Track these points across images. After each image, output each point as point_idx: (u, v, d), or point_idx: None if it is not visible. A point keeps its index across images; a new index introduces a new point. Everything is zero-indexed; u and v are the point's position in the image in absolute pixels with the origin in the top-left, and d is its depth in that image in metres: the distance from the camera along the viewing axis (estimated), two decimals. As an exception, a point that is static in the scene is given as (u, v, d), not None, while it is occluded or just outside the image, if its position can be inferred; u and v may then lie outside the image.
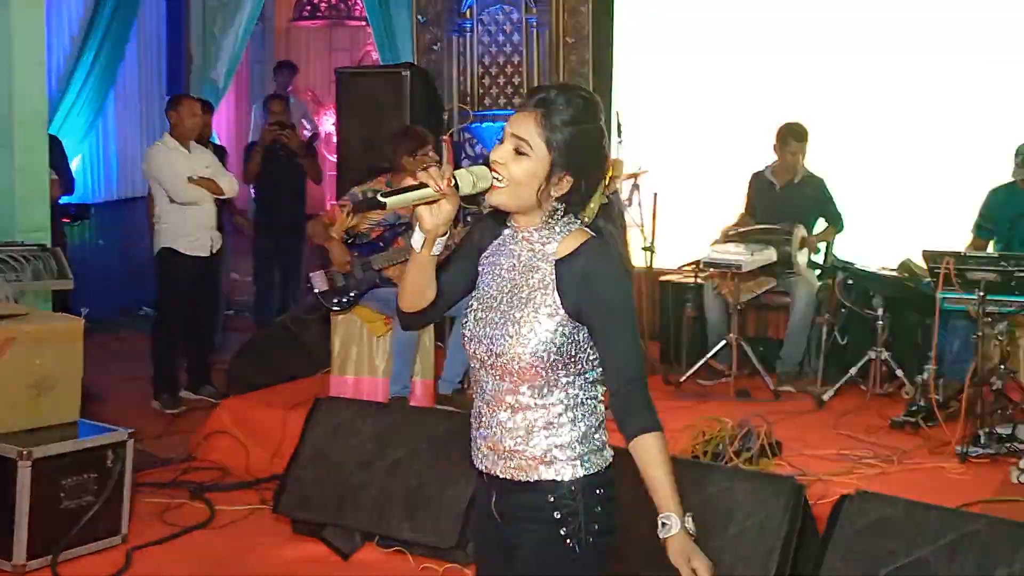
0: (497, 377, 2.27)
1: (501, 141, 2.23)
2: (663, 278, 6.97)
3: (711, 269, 6.18)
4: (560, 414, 2.24)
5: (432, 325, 5.75)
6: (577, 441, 2.24)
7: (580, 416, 2.24)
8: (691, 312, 6.46)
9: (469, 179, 2.20)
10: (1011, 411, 4.98)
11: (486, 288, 2.34)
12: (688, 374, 6.12)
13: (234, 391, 6.27)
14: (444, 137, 7.09)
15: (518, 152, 2.19)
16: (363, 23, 10.35)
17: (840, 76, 7.35)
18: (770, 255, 6.07)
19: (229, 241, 7.32)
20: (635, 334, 2.22)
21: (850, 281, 5.97)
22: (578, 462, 2.23)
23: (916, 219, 7.05)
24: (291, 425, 5.26)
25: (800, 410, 5.64)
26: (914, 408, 5.30)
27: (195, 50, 9.41)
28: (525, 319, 2.21)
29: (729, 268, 6.02)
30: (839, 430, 5.27)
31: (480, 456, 2.33)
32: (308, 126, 9.60)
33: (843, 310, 6.07)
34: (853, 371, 5.80)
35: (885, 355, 5.72)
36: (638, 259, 6.82)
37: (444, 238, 2.26)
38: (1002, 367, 5.01)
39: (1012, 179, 5.73)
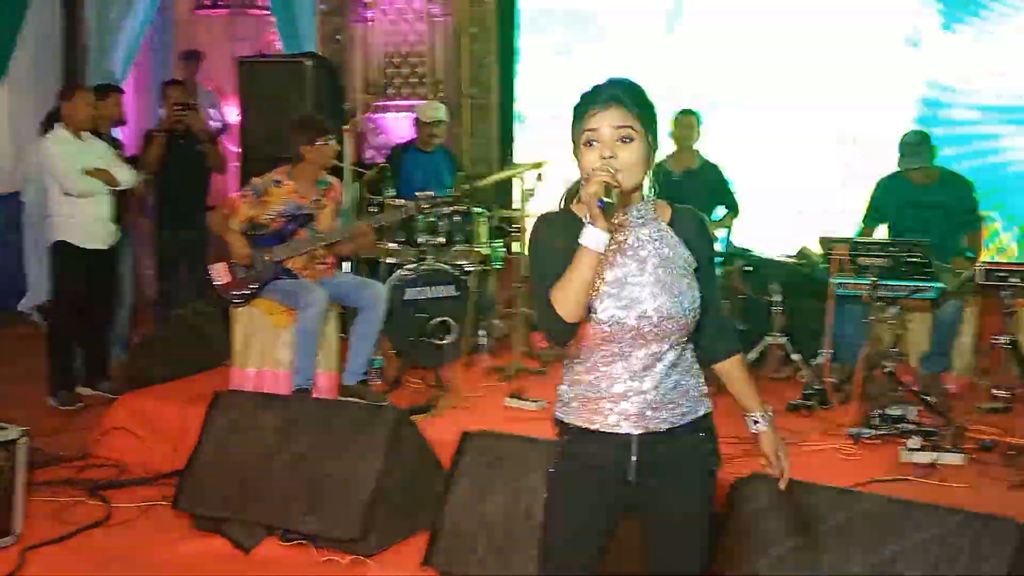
0: (653, 341, 2.50)
1: (589, 144, 2.45)
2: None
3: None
4: (692, 358, 2.60)
5: (336, 316, 5.73)
6: (702, 379, 2.61)
7: (697, 361, 2.61)
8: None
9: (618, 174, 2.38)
10: (902, 393, 5.11)
11: (619, 268, 2.49)
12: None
13: (133, 386, 6.16)
14: (346, 127, 7.03)
15: (624, 140, 2.43)
16: (266, 12, 10.21)
17: (740, 66, 7.47)
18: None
19: (135, 235, 7.17)
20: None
21: (748, 268, 6.09)
22: (707, 399, 2.61)
23: (814, 207, 7.22)
24: (191, 420, 5.18)
25: (700, 395, 5.72)
26: (809, 392, 5.42)
27: (91, 40, 9.18)
28: (684, 284, 2.50)
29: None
30: (735, 415, 5.33)
31: (620, 421, 2.53)
32: (216, 116, 9.43)
33: (741, 296, 6.17)
34: (751, 355, 5.90)
35: (782, 340, 5.84)
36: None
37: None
38: (893, 350, 5.13)
39: (898, 169, 5.87)
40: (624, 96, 2.45)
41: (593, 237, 2.32)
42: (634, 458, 2.53)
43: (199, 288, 7.49)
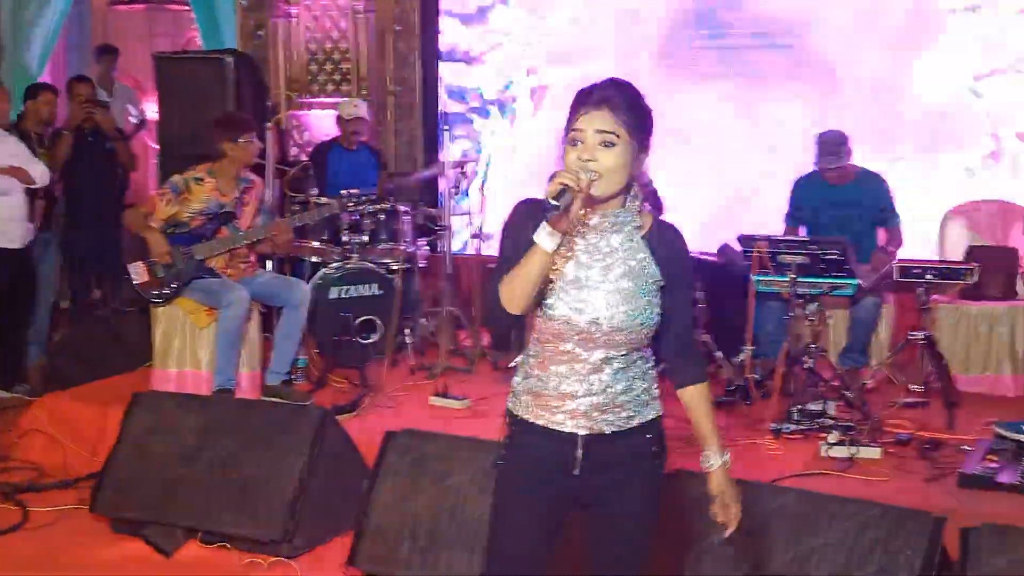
0: (603, 346, 2.50)
1: (573, 144, 2.44)
2: (492, 264, 7.00)
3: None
4: (648, 366, 2.59)
5: (258, 316, 5.67)
6: (655, 382, 2.61)
7: (652, 364, 2.61)
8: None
9: (585, 177, 2.37)
10: (822, 388, 5.19)
11: (582, 270, 2.49)
12: (518, 359, 6.17)
13: (50, 388, 6.04)
14: (269, 124, 6.96)
15: (605, 144, 2.41)
16: (185, 8, 10.07)
17: (664, 63, 7.54)
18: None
19: (51, 233, 7.02)
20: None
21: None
22: (657, 401, 2.61)
23: (734, 206, 7.31)
24: (111, 422, 5.09)
25: (625, 392, 5.75)
26: (732, 388, 5.49)
27: (5, 34, 8.97)
28: (641, 294, 2.48)
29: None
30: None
31: (566, 420, 2.55)
32: (134, 113, 9.27)
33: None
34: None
35: (705, 337, 5.89)
36: (469, 246, 6.88)
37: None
38: (813, 346, 5.21)
39: (814, 168, 5.97)
40: (615, 99, 2.43)
41: (544, 235, 2.34)
42: (579, 454, 2.55)
43: (112, 287, 7.36)
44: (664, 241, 2.54)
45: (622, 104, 2.43)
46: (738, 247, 5.47)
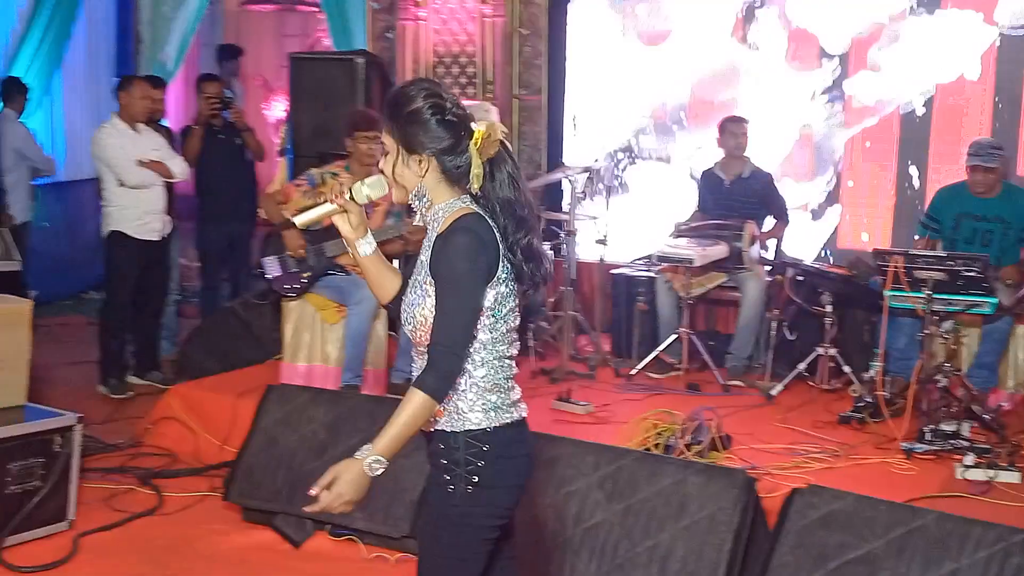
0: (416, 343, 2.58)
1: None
2: (615, 271, 7.00)
3: (663, 263, 6.24)
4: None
5: (385, 315, 5.74)
6: (467, 393, 2.52)
7: (462, 380, 2.51)
8: (643, 306, 6.51)
9: (363, 190, 2.62)
10: (955, 409, 5.05)
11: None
12: (639, 367, 6.17)
13: (182, 377, 6.21)
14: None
15: (385, 154, 2.58)
16: (315, 9, 10.27)
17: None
18: (721, 250, 6.14)
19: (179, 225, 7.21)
20: (457, 304, 2.45)
21: (800, 278, 6.04)
22: (456, 417, 2.52)
23: (860, 217, 7.18)
24: (241, 412, 5.22)
25: (749, 404, 5.70)
26: (861, 404, 5.37)
27: (144, 31, 9.25)
28: (417, 295, 2.54)
29: (681, 263, 6.08)
30: (787, 424, 5.33)
31: None
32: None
33: (792, 306, 6.13)
34: (802, 367, 5.86)
35: (833, 351, 5.79)
36: (591, 252, 6.87)
37: (366, 240, 2.65)
38: (947, 366, 5.08)
39: (962, 179, 5.81)
40: (386, 111, 2.56)
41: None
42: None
43: (243, 281, 7.53)
44: (437, 239, 2.51)
45: (389, 113, 2.56)
46: (870, 260, 5.37)
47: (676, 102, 7.74)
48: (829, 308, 5.76)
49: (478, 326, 2.49)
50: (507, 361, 2.59)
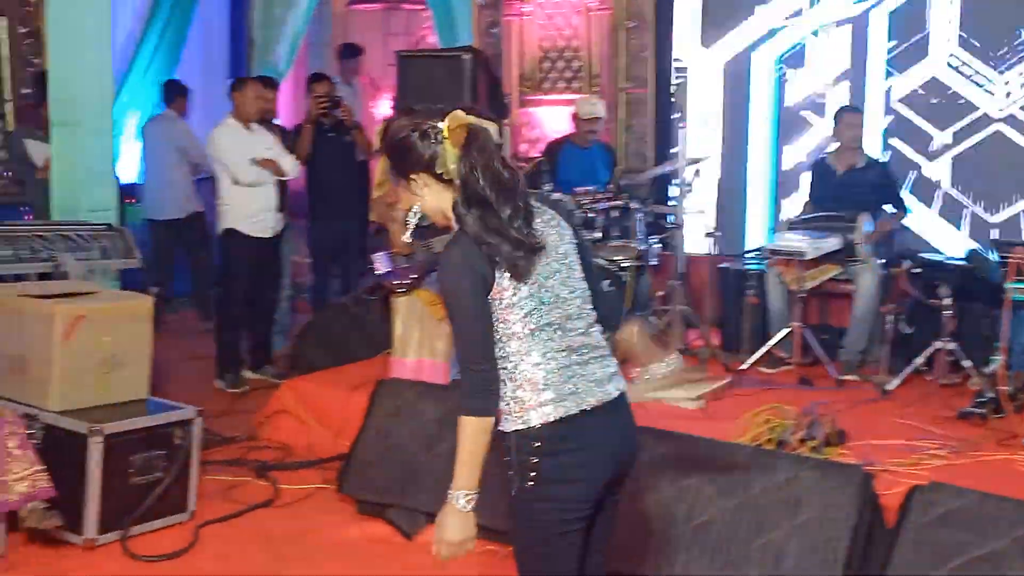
0: None
1: None
2: (725, 265, 6.92)
3: (775, 256, 6.14)
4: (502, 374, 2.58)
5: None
6: (512, 395, 2.57)
7: (504, 383, 2.56)
8: (753, 299, 6.42)
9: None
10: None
11: None
12: (750, 361, 6.09)
13: (294, 371, 6.33)
14: (505, 121, 7.06)
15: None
16: (419, 7, 10.34)
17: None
18: (834, 243, 6.02)
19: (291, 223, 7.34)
20: (461, 322, 2.52)
21: (916, 270, 5.90)
22: (509, 417, 2.58)
23: (980, 208, 6.98)
24: (353, 406, 5.29)
25: (863, 399, 5.57)
26: (982, 399, 5.22)
27: (257, 32, 9.43)
28: None
29: (792, 256, 5.98)
30: (904, 420, 5.20)
31: None
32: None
33: (908, 299, 5.99)
34: (919, 361, 5.72)
35: (952, 345, 5.64)
36: (702, 245, 6.80)
37: None
38: (1072, 360, 4.92)
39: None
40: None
41: None
42: None
43: (354, 276, 7.64)
44: None
45: (381, 143, 2.70)
46: (990, 251, 5.22)
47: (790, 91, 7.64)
48: (948, 301, 5.61)
49: (507, 329, 2.54)
50: (559, 355, 2.59)
